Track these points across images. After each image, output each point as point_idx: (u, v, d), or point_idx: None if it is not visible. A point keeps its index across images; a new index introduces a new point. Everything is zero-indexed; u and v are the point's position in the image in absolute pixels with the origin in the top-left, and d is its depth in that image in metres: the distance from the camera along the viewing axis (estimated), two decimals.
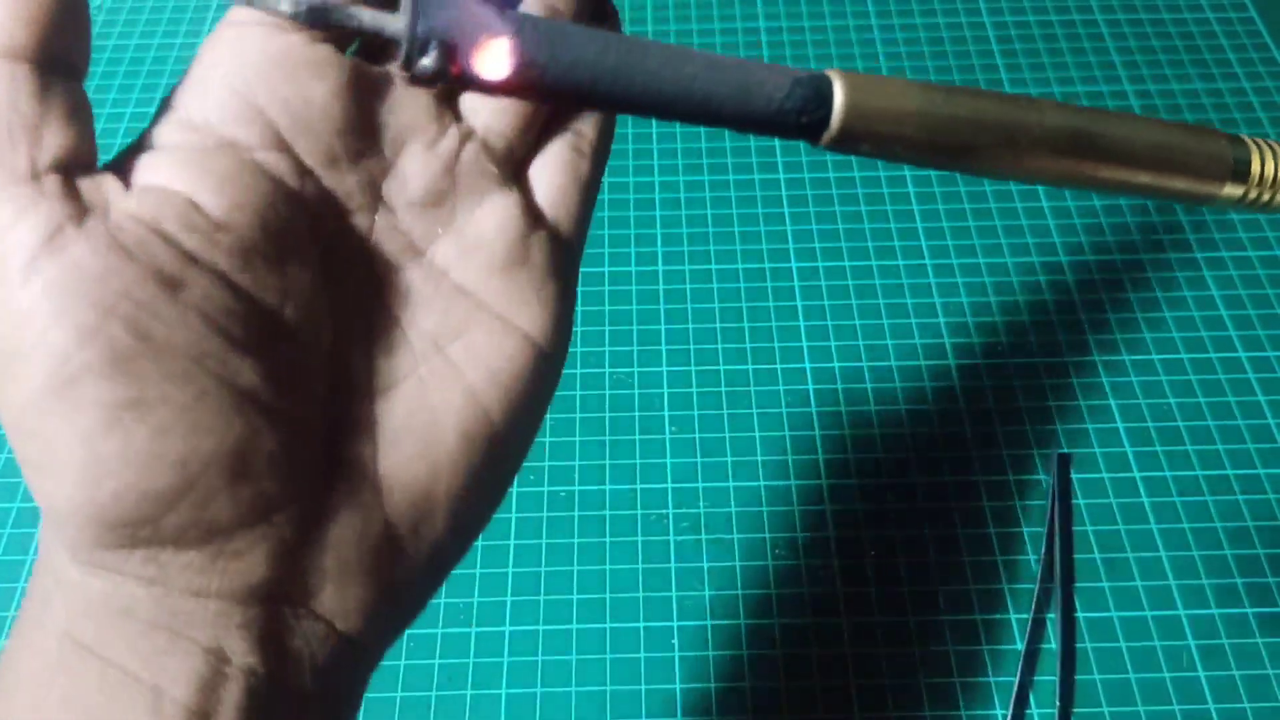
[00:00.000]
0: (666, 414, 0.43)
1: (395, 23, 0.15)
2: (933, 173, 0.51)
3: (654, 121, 0.54)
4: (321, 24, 0.15)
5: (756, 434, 0.42)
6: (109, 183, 0.16)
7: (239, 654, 0.15)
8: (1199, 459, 0.41)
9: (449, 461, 0.18)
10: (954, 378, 0.43)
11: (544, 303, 0.19)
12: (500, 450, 0.19)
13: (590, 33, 0.15)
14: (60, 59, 0.15)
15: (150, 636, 0.15)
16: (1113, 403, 0.43)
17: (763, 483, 0.41)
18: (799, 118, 0.16)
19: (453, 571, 0.40)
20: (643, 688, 0.36)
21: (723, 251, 0.48)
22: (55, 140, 0.15)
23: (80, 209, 0.15)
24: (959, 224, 0.49)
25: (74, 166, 0.15)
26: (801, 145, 0.52)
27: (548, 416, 0.42)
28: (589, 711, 0.35)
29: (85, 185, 0.15)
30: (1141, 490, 0.40)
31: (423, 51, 0.15)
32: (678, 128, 0.54)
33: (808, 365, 0.44)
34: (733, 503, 0.40)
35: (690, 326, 0.45)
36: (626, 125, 0.54)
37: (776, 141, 0.53)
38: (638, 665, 0.36)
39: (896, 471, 0.41)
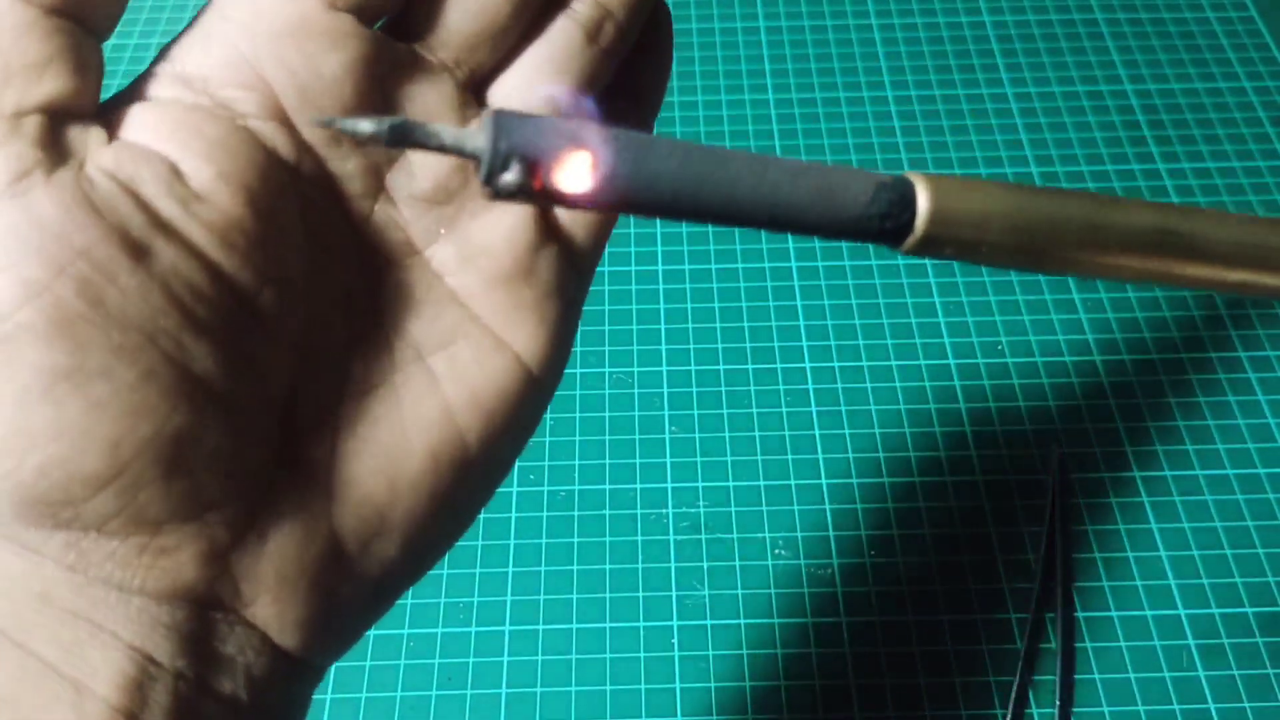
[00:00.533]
0: (666, 414, 0.43)
1: (476, 139, 0.15)
2: (933, 173, 0.51)
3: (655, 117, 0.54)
4: (404, 143, 0.14)
5: (756, 434, 0.42)
6: (93, 134, 0.14)
7: (167, 656, 0.14)
8: (1199, 459, 0.41)
9: (411, 481, 0.17)
10: (954, 377, 0.43)
11: (543, 323, 0.18)
12: (470, 477, 0.17)
13: (672, 144, 0.15)
14: (82, 11, 0.14)
15: (71, 626, 0.14)
16: (1113, 403, 0.43)
17: (763, 483, 0.41)
18: (882, 223, 0.16)
19: (452, 570, 0.40)
20: (643, 687, 0.36)
21: (723, 251, 0.48)
22: (51, 85, 0.14)
23: (56, 158, 0.14)
24: None
25: (65, 115, 0.14)
26: (799, 128, 0.52)
27: (547, 416, 0.42)
28: (589, 711, 0.35)
29: (72, 134, 0.14)
30: (1141, 490, 0.40)
31: (504, 168, 0.14)
32: (679, 127, 0.53)
33: (808, 365, 0.44)
34: (733, 503, 0.40)
35: (690, 326, 0.45)
36: None
37: (777, 142, 0.53)
38: (638, 665, 0.36)
39: (896, 471, 0.41)
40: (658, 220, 0.49)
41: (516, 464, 0.41)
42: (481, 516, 0.40)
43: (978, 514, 0.40)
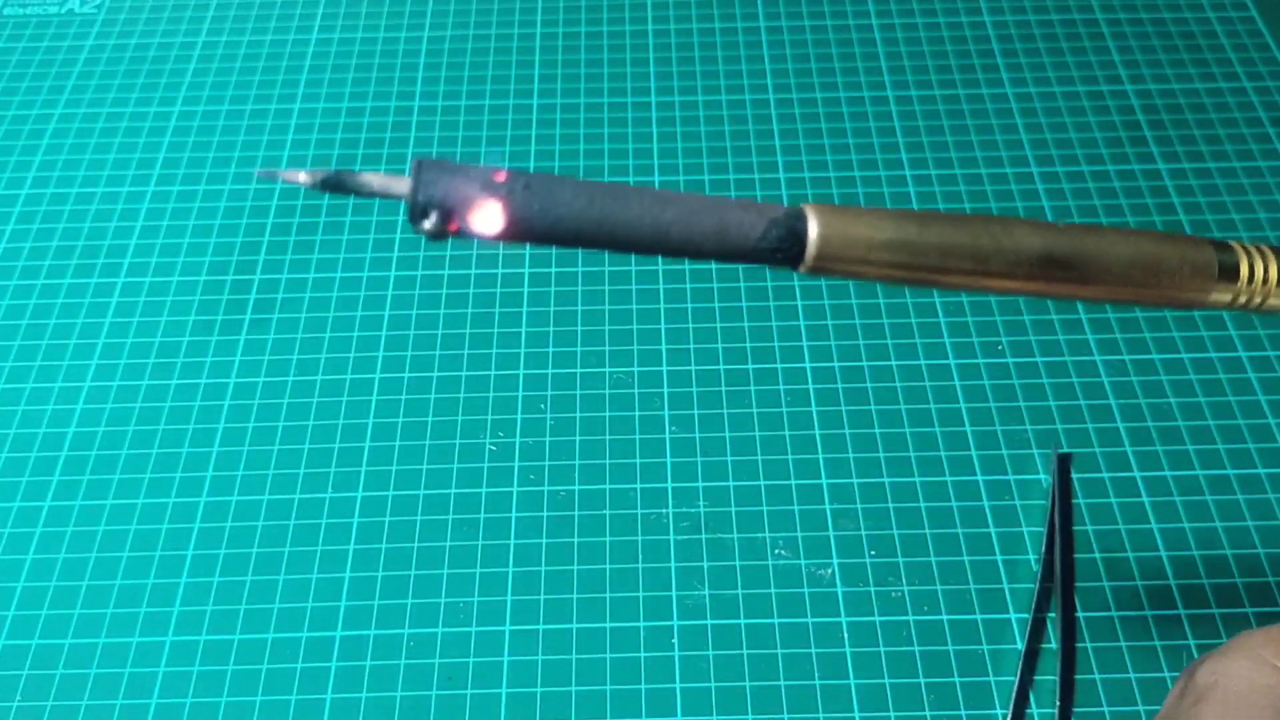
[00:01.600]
0: (666, 414, 0.43)
1: (400, 187, 0.17)
2: (933, 172, 0.51)
3: (654, 119, 0.54)
4: (338, 190, 0.16)
5: (756, 434, 0.42)
6: None
7: None
8: (1199, 459, 0.41)
9: None
10: (954, 377, 0.43)
11: None
12: None
13: (575, 186, 0.17)
14: None
15: None
16: (1113, 402, 0.43)
17: (763, 483, 0.41)
18: (774, 255, 0.17)
19: (452, 570, 0.40)
20: (643, 687, 0.36)
21: None
22: None
23: None
24: None
25: None
26: (800, 128, 0.52)
27: (547, 416, 0.42)
28: (589, 711, 0.35)
29: None
30: (1141, 490, 0.40)
31: (424, 215, 0.16)
32: (679, 126, 0.54)
33: (808, 365, 0.44)
34: (733, 503, 0.40)
35: (690, 326, 0.45)
36: (627, 125, 0.54)
37: (777, 142, 0.53)
38: (637, 665, 0.36)
39: (897, 471, 0.41)
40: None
41: (516, 464, 0.41)
42: (481, 516, 0.40)
43: (978, 514, 0.40)
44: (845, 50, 0.57)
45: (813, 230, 0.18)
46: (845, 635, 0.37)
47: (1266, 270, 0.20)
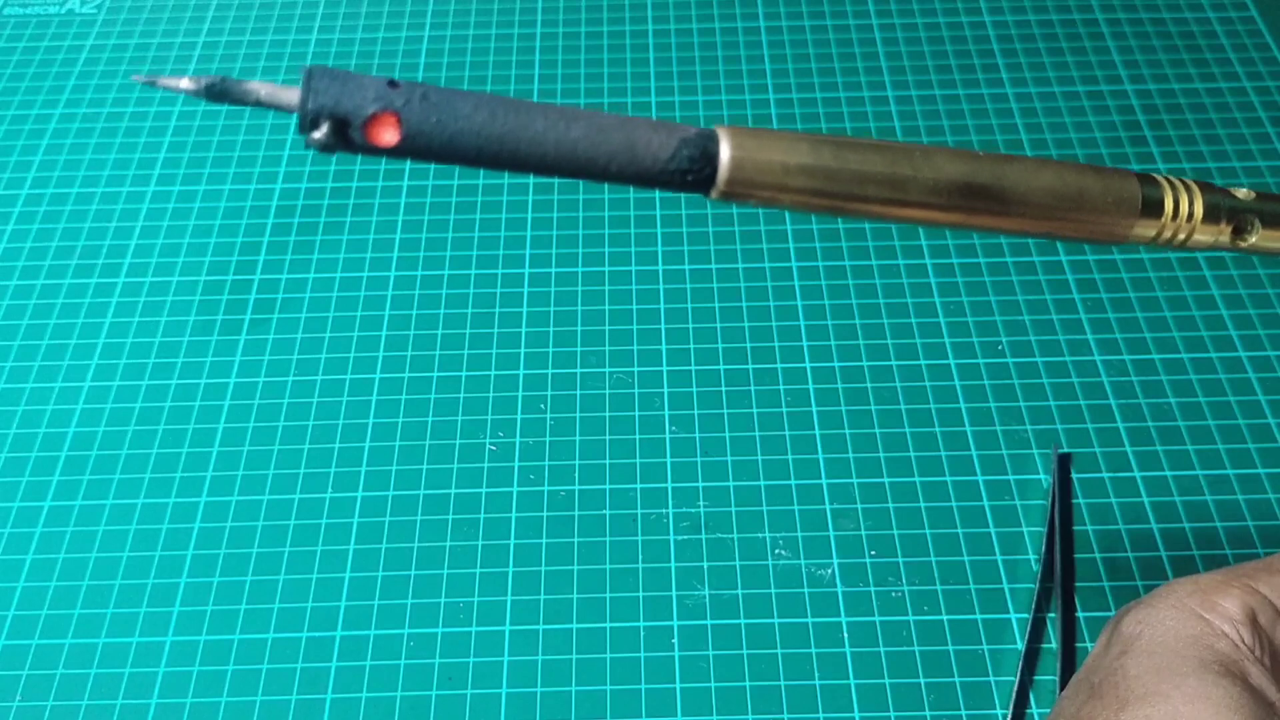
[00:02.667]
0: (666, 414, 0.43)
1: (289, 97, 0.16)
2: None
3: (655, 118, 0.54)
4: (223, 98, 0.15)
5: (756, 434, 0.42)
6: None
7: None
8: (1199, 459, 0.41)
9: None
10: (954, 377, 0.43)
11: None
12: None
13: (476, 99, 0.16)
14: None
15: None
16: (1113, 402, 0.43)
17: (763, 483, 0.41)
18: (685, 177, 0.17)
19: (452, 570, 0.40)
20: (643, 687, 0.36)
21: (723, 251, 0.48)
22: None
23: None
24: None
25: None
26: (800, 128, 0.52)
27: (547, 415, 0.42)
28: (589, 711, 0.35)
29: None
30: (1141, 490, 0.40)
31: (315, 125, 0.16)
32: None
33: (808, 365, 0.44)
34: (733, 503, 0.40)
35: (690, 326, 0.45)
36: None
37: None
38: (637, 665, 0.36)
39: (897, 471, 0.41)
40: (657, 220, 0.49)
41: (516, 464, 0.41)
42: (481, 516, 0.40)
43: (978, 514, 0.40)
44: (845, 50, 0.57)
45: (725, 151, 0.17)
46: (845, 635, 0.37)
47: (1192, 206, 0.20)
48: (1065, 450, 0.41)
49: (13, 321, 0.46)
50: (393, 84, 0.16)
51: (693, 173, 0.17)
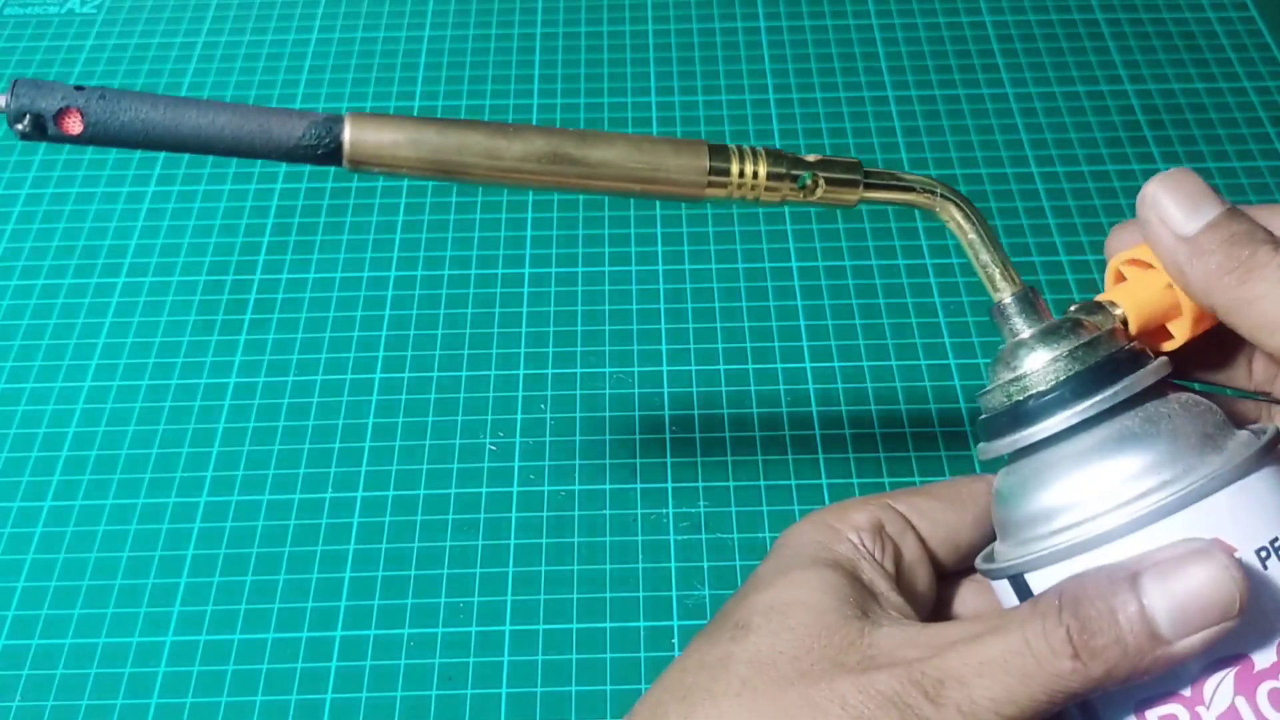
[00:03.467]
0: (666, 414, 0.43)
1: (1, 101, 0.20)
2: (933, 172, 0.51)
3: (654, 119, 0.54)
4: None
5: (756, 434, 0.42)
6: None
7: None
8: None
9: None
10: (954, 377, 0.43)
11: None
12: None
13: (145, 98, 0.21)
14: None
15: None
16: None
17: (763, 483, 0.41)
18: (315, 151, 0.21)
19: (452, 570, 0.40)
20: (643, 688, 0.35)
21: (723, 251, 0.48)
22: None
23: None
24: None
25: None
26: (800, 128, 0.52)
27: (547, 415, 0.42)
28: (589, 711, 0.35)
29: None
30: None
31: (19, 120, 0.20)
32: (680, 126, 0.54)
33: (808, 365, 0.44)
34: (733, 503, 0.40)
35: (690, 326, 0.45)
36: (627, 125, 0.54)
37: (777, 142, 0.53)
38: (638, 665, 0.36)
39: (897, 472, 0.41)
40: (658, 220, 0.49)
41: (516, 464, 0.41)
42: (481, 516, 0.40)
43: None
44: (845, 50, 0.57)
45: (347, 132, 0.21)
46: None
47: (756, 171, 0.24)
48: None
49: (13, 321, 0.46)
50: (79, 89, 0.21)
51: (321, 147, 0.21)
